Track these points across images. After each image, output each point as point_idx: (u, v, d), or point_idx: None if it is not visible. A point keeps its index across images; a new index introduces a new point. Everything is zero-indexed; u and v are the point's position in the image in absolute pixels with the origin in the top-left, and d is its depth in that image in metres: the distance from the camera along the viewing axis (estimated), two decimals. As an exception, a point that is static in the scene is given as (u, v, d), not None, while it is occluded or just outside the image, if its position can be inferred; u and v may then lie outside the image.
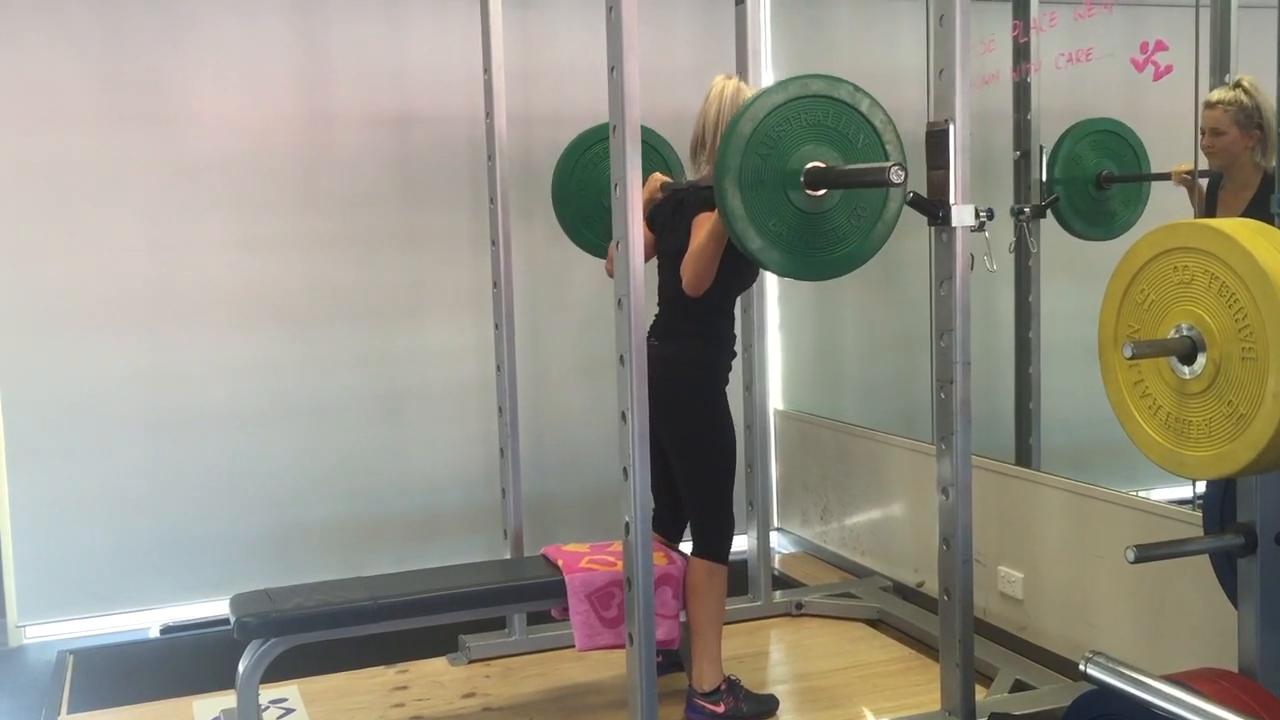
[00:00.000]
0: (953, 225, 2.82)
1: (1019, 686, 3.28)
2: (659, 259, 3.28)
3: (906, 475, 4.21)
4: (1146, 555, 2.29)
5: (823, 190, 2.79)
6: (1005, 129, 3.97)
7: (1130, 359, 2.11)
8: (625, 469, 2.72)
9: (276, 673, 3.11)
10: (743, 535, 3.74)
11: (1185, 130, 3.24)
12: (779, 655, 3.83)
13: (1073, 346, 3.70)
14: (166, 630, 4.19)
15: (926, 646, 3.67)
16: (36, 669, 3.88)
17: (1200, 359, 2.03)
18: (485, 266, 3.86)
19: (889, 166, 2.63)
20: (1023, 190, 3.92)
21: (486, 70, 3.68)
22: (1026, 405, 3.98)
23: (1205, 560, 2.59)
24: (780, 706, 3.31)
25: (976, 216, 2.85)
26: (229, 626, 2.95)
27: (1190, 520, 2.93)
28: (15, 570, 4.07)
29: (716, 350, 3.22)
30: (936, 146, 2.82)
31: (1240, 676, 2.25)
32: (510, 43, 3.86)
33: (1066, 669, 3.31)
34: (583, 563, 3.25)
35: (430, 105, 4.43)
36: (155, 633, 4.18)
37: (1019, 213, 3.90)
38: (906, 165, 2.67)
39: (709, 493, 3.21)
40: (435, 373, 4.50)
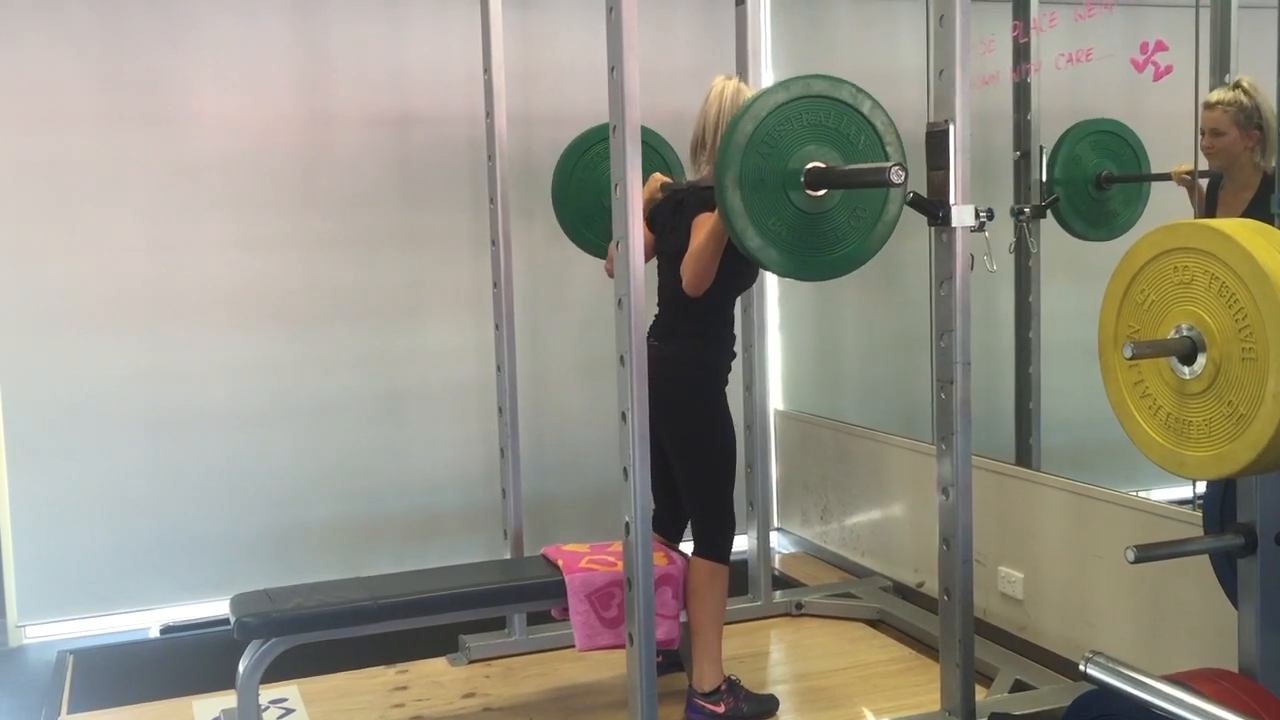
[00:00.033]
0: (953, 225, 2.82)
1: (1019, 686, 3.28)
2: (659, 259, 3.28)
3: (906, 475, 4.20)
4: (1146, 555, 2.29)
5: (823, 190, 2.79)
6: (1005, 129, 3.97)
7: (1130, 359, 2.11)
8: (625, 469, 2.72)
9: (276, 673, 3.11)
10: (743, 535, 3.74)
11: (1185, 130, 3.24)
12: (779, 655, 3.83)
13: (1073, 346, 3.70)
14: (166, 630, 4.19)
15: (926, 646, 3.67)
16: (36, 669, 3.88)
17: (1200, 359, 2.03)
18: (485, 266, 3.86)
19: (889, 167, 2.63)
20: (1023, 190, 3.92)
21: (486, 70, 3.68)
22: (1026, 405, 3.98)
23: (1205, 560, 2.59)
24: (780, 706, 3.31)
25: (976, 217, 2.85)
26: (229, 626, 2.96)
27: (1190, 520, 2.93)
28: (15, 570, 4.07)
29: (716, 350, 3.22)
30: (936, 147, 2.83)
31: (1240, 676, 2.25)
32: (510, 43, 3.86)
33: (1066, 669, 3.31)
34: (583, 563, 3.25)
35: (430, 105, 4.43)
36: (155, 633, 4.18)
37: (1019, 213, 3.90)
38: (907, 166, 2.67)
39: (709, 493, 3.21)
40: (435, 373, 4.50)
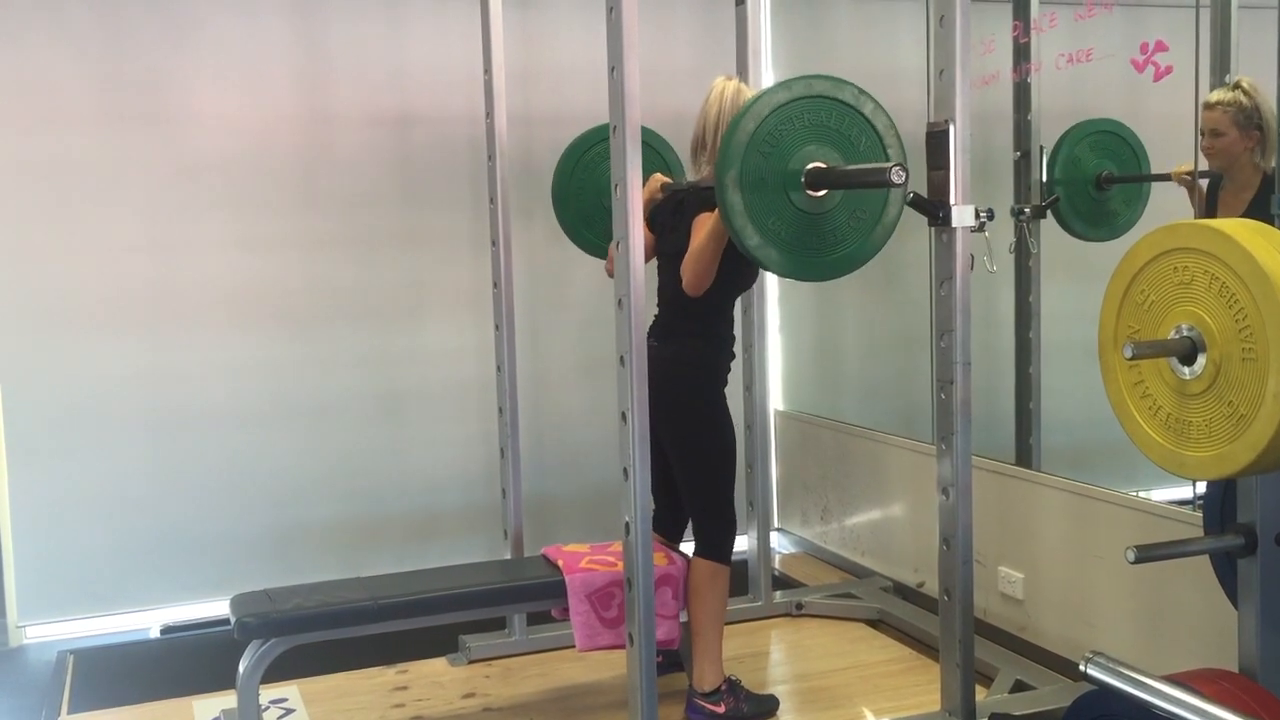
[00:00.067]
0: (953, 226, 2.82)
1: (1019, 687, 3.28)
2: (659, 259, 3.28)
3: (907, 475, 4.20)
4: (1147, 556, 2.29)
5: (823, 191, 2.79)
6: (1005, 129, 3.96)
7: (1130, 359, 2.10)
8: (625, 469, 2.72)
9: (276, 673, 3.12)
10: (743, 535, 3.74)
11: (1185, 131, 3.23)
12: (779, 655, 3.83)
13: (1073, 347, 3.70)
14: (167, 630, 4.19)
15: (927, 647, 3.67)
16: (36, 669, 3.88)
17: (1200, 359, 2.03)
18: (485, 266, 3.86)
19: (890, 167, 2.63)
20: (1023, 191, 3.92)
21: (487, 70, 3.68)
22: (1027, 405, 3.98)
23: (1205, 560, 2.59)
24: (780, 707, 3.31)
25: (976, 217, 2.85)
26: (229, 626, 2.96)
27: (1190, 521, 2.93)
28: (15, 570, 4.07)
29: (716, 350, 3.22)
30: (937, 147, 2.82)
31: (1240, 677, 2.25)
32: (510, 43, 3.86)
33: (1066, 669, 3.31)
34: (583, 563, 3.25)
35: (430, 105, 4.43)
36: (155, 633, 4.18)
37: (1019, 213, 3.90)
38: (908, 167, 2.67)
39: (709, 493, 3.21)
40: (435, 373, 4.50)
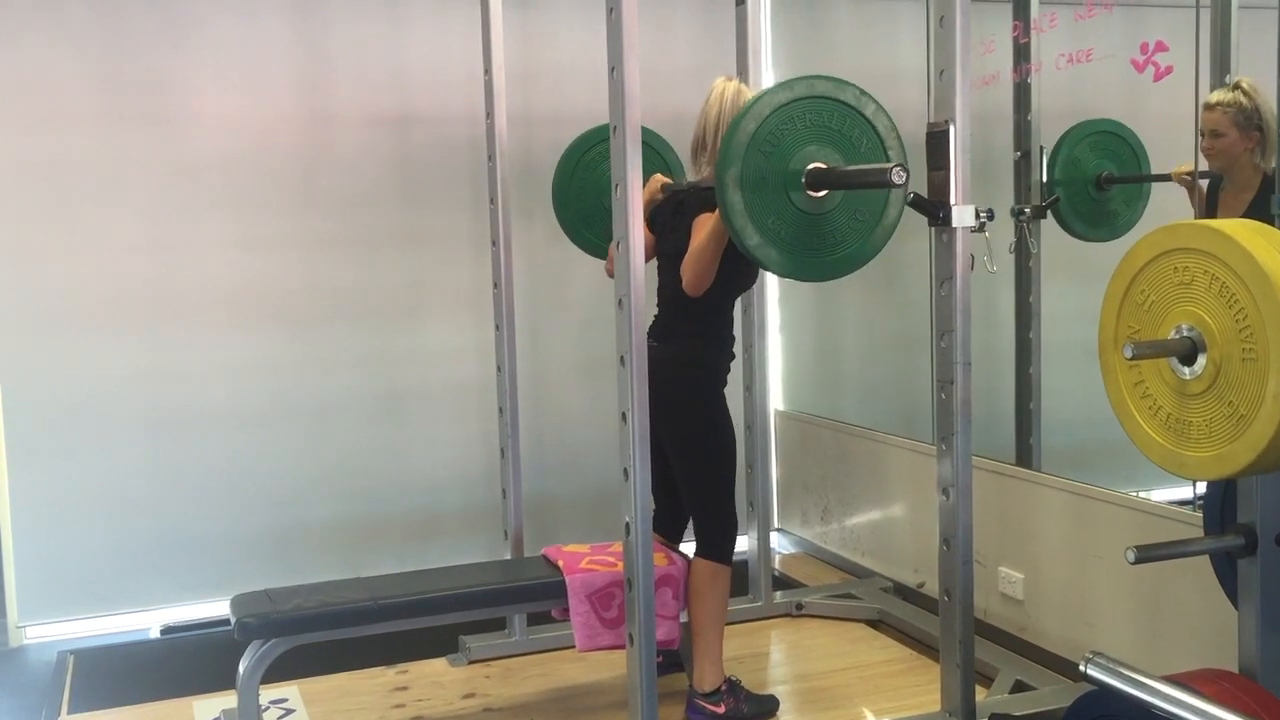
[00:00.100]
0: (953, 226, 2.82)
1: (1019, 687, 3.28)
2: (659, 260, 3.28)
3: (907, 476, 4.20)
4: (1147, 556, 2.29)
5: (824, 191, 2.79)
6: (1005, 130, 3.96)
7: (1131, 360, 2.11)
8: (625, 469, 2.72)
9: (277, 673, 3.12)
10: (743, 535, 3.73)
11: (1185, 131, 3.23)
12: (779, 656, 3.83)
13: (1073, 347, 3.70)
14: (167, 630, 4.19)
15: (927, 647, 3.67)
16: (36, 669, 3.88)
17: (1200, 360, 2.03)
18: (485, 267, 3.86)
19: (891, 167, 2.63)
20: (1023, 191, 3.92)
21: (487, 70, 3.68)
22: (1027, 406, 3.98)
23: (1205, 561, 2.59)
24: (780, 707, 3.31)
25: (977, 217, 2.85)
26: (229, 627, 2.96)
27: (1190, 521, 2.93)
28: (15, 570, 4.07)
29: (716, 351, 3.22)
30: (937, 147, 2.82)
31: (1240, 677, 2.25)
32: (510, 43, 3.86)
33: (1066, 669, 3.31)
34: (583, 563, 3.25)
35: (430, 105, 4.43)
36: (155, 633, 4.18)
37: (1019, 213, 3.90)
38: (908, 167, 2.67)
39: (710, 493, 3.21)
40: (435, 373, 4.50)
